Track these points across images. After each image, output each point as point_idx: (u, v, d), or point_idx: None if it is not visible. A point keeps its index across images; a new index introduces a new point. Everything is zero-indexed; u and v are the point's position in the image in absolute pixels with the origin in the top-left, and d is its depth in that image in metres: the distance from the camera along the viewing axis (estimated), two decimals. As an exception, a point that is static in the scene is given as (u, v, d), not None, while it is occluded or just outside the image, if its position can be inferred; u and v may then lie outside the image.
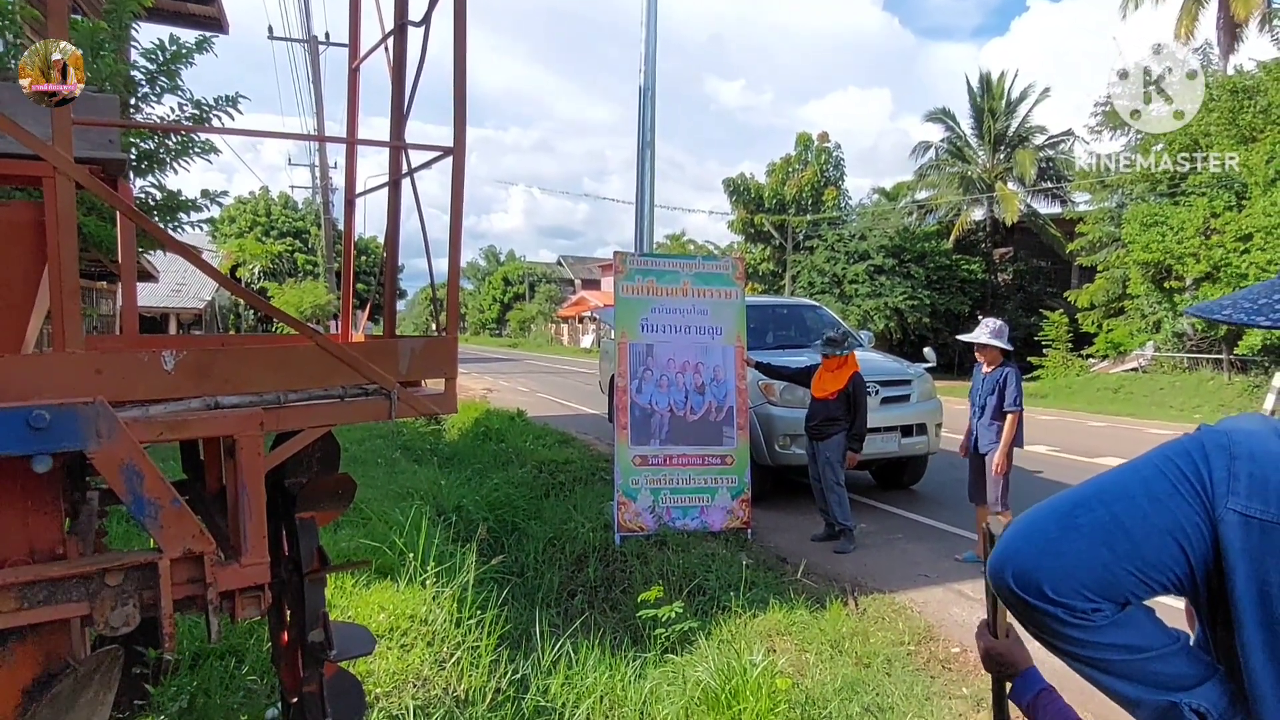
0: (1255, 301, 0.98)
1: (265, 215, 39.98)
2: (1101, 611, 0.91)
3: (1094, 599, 0.91)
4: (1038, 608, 0.92)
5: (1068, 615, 0.91)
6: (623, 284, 6.47)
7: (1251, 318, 0.95)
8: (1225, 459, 0.88)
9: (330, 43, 24.40)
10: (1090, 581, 0.90)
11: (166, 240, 2.18)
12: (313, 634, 2.38)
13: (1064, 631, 0.93)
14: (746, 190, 30.78)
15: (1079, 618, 0.91)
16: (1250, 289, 1.04)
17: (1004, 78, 27.60)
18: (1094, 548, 0.90)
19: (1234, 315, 0.97)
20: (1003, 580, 0.95)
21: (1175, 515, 0.89)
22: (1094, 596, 0.91)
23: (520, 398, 17.31)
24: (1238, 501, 0.87)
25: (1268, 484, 0.86)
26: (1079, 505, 0.94)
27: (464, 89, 2.26)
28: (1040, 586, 0.91)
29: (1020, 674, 1.27)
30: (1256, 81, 16.80)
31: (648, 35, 8.84)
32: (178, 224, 7.47)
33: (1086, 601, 0.91)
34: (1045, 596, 0.91)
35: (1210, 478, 0.88)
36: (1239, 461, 0.88)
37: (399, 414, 2.20)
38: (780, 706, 3.31)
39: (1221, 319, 0.99)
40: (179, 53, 6.94)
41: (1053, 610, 0.92)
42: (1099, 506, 0.92)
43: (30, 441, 1.58)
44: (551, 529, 6.10)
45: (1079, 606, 0.91)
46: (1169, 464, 0.91)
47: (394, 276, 3.17)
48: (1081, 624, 0.92)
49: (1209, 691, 0.92)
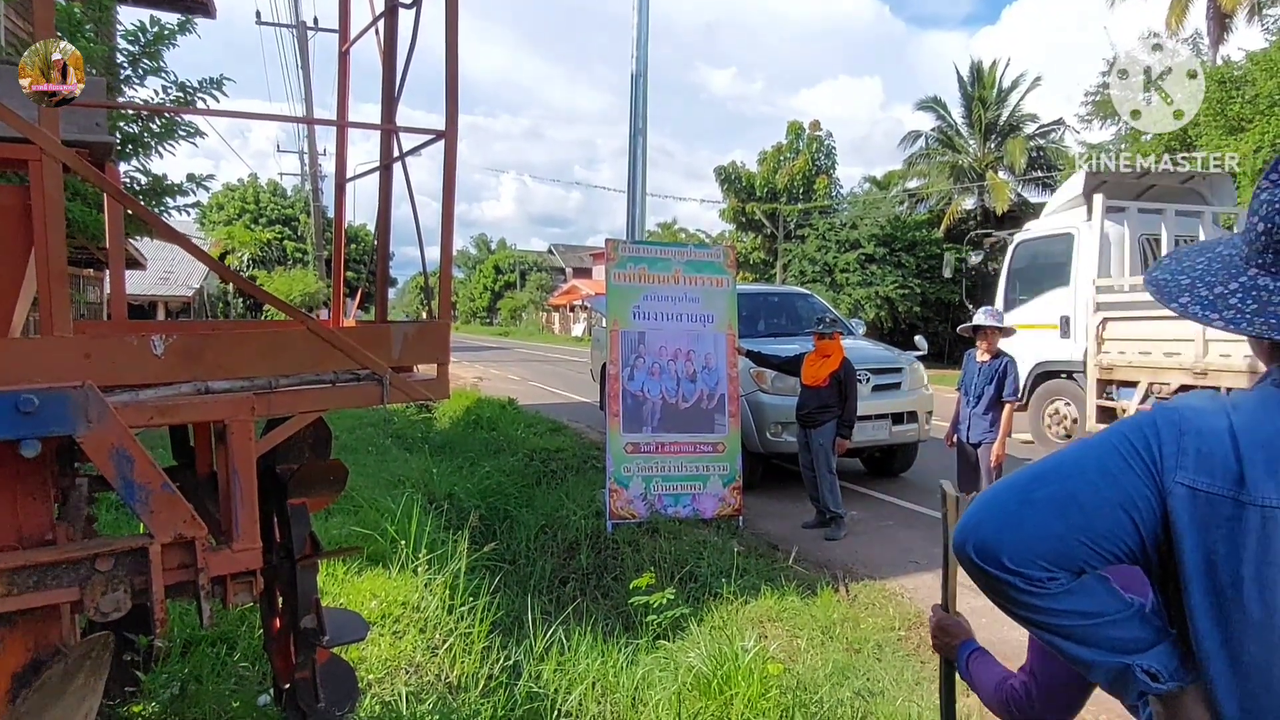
0: (1211, 289, 1.00)
1: (254, 202, 39.70)
2: (1057, 580, 0.95)
3: (1050, 568, 0.94)
4: (998, 577, 0.96)
5: (1025, 584, 0.95)
6: (614, 272, 6.46)
7: (1206, 313, 0.97)
8: (1175, 434, 0.92)
9: (319, 28, 24.20)
10: (1046, 552, 0.94)
11: (156, 224, 2.16)
12: (305, 620, 2.38)
13: (1022, 599, 0.97)
14: (738, 179, 30.73)
15: (1036, 586, 0.95)
16: (1210, 255, 1.05)
17: (995, 66, 27.60)
18: (1049, 520, 0.94)
19: (1190, 308, 0.99)
20: (964, 552, 0.99)
21: (1126, 489, 0.93)
22: (1050, 566, 0.94)
23: (511, 386, 17.29)
24: (1185, 475, 0.91)
25: (1214, 458, 0.90)
26: (1036, 480, 0.98)
27: (456, 70, 2.24)
28: (999, 557, 0.95)
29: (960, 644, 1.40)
30: (1245, 72, 16.86)
31: (639, 22, 8.80)
32: (164, 209, 7.41)
33: (1043, 570, 0.95)
34: (1004, 566, 0.95)
35: (1160, 452, 0.92)
36: (1187, 437, 0.92)
37: (391, 399, 2.19)
38: (771, 692, 3.32)
39: (1177, 309, 1.01)
40: (161, 34, 6.87)
41: (1011, 579, 0.96)
42: (1054, 481, 0.96)
43: (19, 426, 1.57)
44: (543, 516, 6.11)
45: (1036, 575, 0.95)
46: (1122, 440, 0.95)
47: (385, 262, 3.15)
48: (1039, 592, 0.96)
49: (1160, 654, 0.96)
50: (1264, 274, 0.96)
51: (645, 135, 9.07)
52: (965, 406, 5.84)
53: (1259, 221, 0.96)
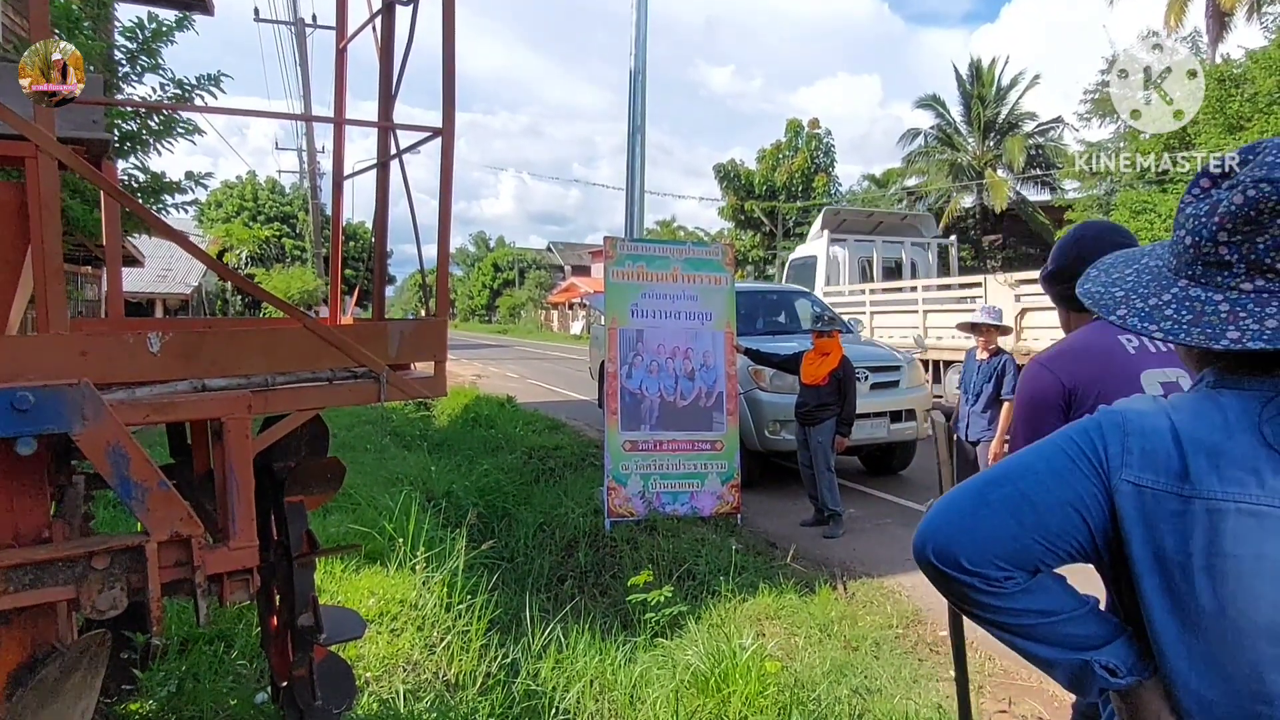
0: (1146, 301, 1.02)
1: (252, 200, 39.68)
2: (1014, 579, 0.98)
3: (1006, 568, 0.98)
4: (956, 578, 0.99)
5: (983, 584, 0.98)
6: (613, 269, 6.45)
7: (1144, 325, 1.00)
8: (1119, 435, 0.97)
9: (317, 25, 24.18)
10: (1002, 552, 0.97)
11: (153, 221, 2.15)
12: (302, 618, 2.38)
13: (981, 600, 1.00)
14: (737, 176, 30.75)
15: (993, 586, 0.98)
16: (1139, 267, 1.08)
17: (994, 65, 27.64)
18: (1004, 521, 0.98)
19: (1128, 320, 1.02)
20: (924, 555, 1.02)
21: (1075, 488, 0.97)
22: (1006, 565, 0.98)
23: (510, 384, 17.29)
24: (1131, 473, 0.94)
25: (1158, 456, 0.94)
26: (990, 483, 1.02)
27: (453, 67, 2.24)
28: (957, 558, 0.99)
29: None
30: (1244, 70, 16.86)
31: (638, 19, 8.79)
32: (162, 206, 7.41)
33: (999, 570, 0.98)
34: (962, 568, 0.98)
35: (1106, 453, 0.96)
36: (1131, 437, 0.96)
37: (388, 397, 2.19)
38: (769, 689, 3.32)
39: (1116, 320, 1.03)
40: (159, 31, 6.86)
41: (969, 580, 0.99)
42: (1007, 483, 1.00)
43: (14, 423, 1.56)
44: (541, 514, 6.11)
45: (993, 575, 0.98)
46: (1070, 443, 1.00)
47: (383, 260, 3.15)
48: (996, 591, 0.99)
49: (1118, 649, 0.99)
50: (1194, 285, 0.98)
51: (644, 133, 9.06)
52: (964, 404, 5.86)
53: (1185, 235, 0.99)
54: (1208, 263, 0.96)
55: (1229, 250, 0.93)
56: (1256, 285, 0.92)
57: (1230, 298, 0.94)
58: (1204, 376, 1.01)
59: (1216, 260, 0.95)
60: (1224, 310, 0.94)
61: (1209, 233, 0.95)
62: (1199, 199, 0.98)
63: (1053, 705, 3.67)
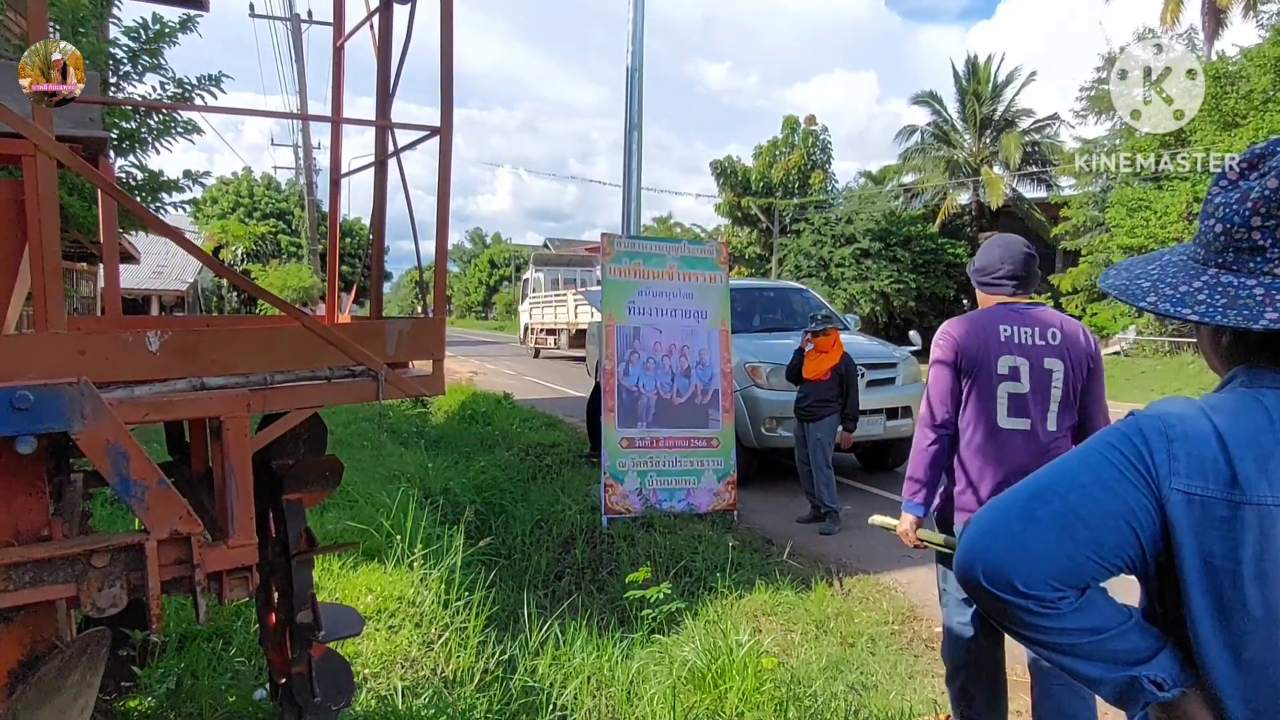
0: (1176, 289, 1.02)
1: (248, 196, 39.54)
2: (1066, 599, 0.96)
3: (1060, 588, 0.96)
4: (1009, 601, 0.97)
5: (1037, 606, 0.96)
6: (610, 266, 6.46)
7: (1177, 309, 0.99)
8: (1164, 442, 0.94)
9: (313, 21, 24.09)
10: (1056, 572, 0.95)
11: (150, 220, 2.15)
12: (301, 615, 2.39)
13: (1033, 621, 0.97)
14: (734, 173, 30.72)
15: (1047, 607, 0.96)
16: (1162, 263, 1.08)
17: (990, 61, 27.63)
18: (1056, 539, 0.95)
19: (1159, 305, 1.01)
20: (973, 578, 0.99)
21: (1126, 500, 0.94)
22: (1060, 585, 0.96)
23: (507, 381, 17.28)
24: (1180, 481, 0.92)
25: (1204, 461, 0.92)
26: (1035, 499, 0.99)
27: (451, 66, 2.24)
28: (1011, 581, 0.96)
29: None
30: (1240, 67, 16.89)
31: (635, 16, 8.78)
32: (160, 204, 7.40)
33: (1054, 591, 0.95)
34: (1015, 590, 0.95)
35: (1152, 460, 0.94)
36: (1176, 444, 0.93)
37: (386, 395, 2.20)
38: (766, 685, 3.34)
39: (1146, 306, 1.03)
40: (162, 31, 6.84)
41: (1023, 603, 0.96)
42: (1055, 499, 0.97)
43: (14, 422, 1.57)
44: (539, 511, 6.11)
45: (1047, 596, 0.95)
46: (1113, 451, 0.97)
47: (380, 257, 3.15)
48: (1049, 613, 0.96)
49: (1164, 662, 0.97)
50: (1225, 272, 0.98)
51: (641, 130, 9.04)
52: None
53: (1216, 224, 0.99)
54: (1240, 249, 0.96)
55: (1262, 235, 0.94)
56: None
57: (1264, 282, 0.94)
58: (1235, 375, 1.00)
59: (1250, 245, 0.95)
60: (1259, 294, 0.93)
61: (1241, 218, 0.95)
62: (1228, 189, 0.98)
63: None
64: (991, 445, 2.71)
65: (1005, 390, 2.69)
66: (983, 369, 2.71)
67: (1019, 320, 2.71)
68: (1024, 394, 2.68)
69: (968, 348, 2.72)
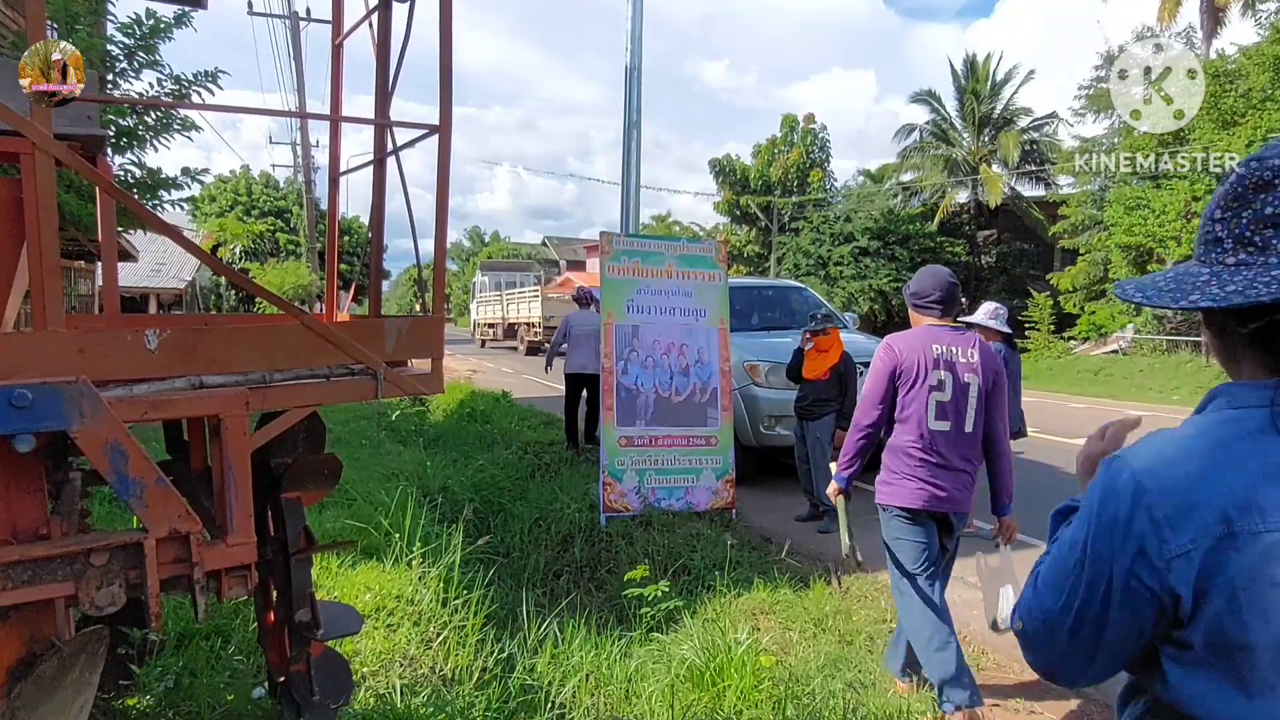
0: (1155, 282, 1.04)
1: (246, 194, 39.46)
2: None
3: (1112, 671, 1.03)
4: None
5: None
6: (609, 265, 6.45)
7: (1136, 294, 1.03)
8: (1145, 515, 0.92)
9: (312, 19, 24.05)
10: (1105, 675, 1.03)
11: (148, 218, 2.15)
12: (299, 613, 2.38)
13: None
14: (732, 171, 30.71)
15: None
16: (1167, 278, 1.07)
17: (988, 60, 27.63)
18: (1107, 665, 1.02)
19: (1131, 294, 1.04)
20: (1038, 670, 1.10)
21: (1142, 608, 0.95)
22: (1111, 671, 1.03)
23: (505, 379, 17.28)
24: (1169, 548, 0.91)
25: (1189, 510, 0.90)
26: (1058, 627, 1.03)
27: (449, 64, 2.24)
28: (1073, 685, 1.14)
29: None
30: (1238, 66, 16.89)
31: (633, 14, 8.77)
32: (158, 202, 7.39)
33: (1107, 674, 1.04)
34: (1079, 686, 1.03)
35: (1143, 545, 0.93)
36: (1155, 508, 0.92)
37: (385, 394, 2.20)
38: (764, 684, 3.34)
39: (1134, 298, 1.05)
40: (157, 27, 6.83)
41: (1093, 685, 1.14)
42: (1081, 628, 1.00)
43: (12, 421, 1.57)
44: (537, 510, 6.11)
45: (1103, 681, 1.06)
46: (1107, 550, 0.96)
47: (379, 256, 3.15)
48: None
49: None
50: (1196, 263, 1.01)
51: (640, 128, 9.05)
52: None
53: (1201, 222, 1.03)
54: (1206, 241, 0.99)
55: (1221, 227, 0.97)
56: (1239, 259, 0.95)
57: (1214, 270, 0.96)
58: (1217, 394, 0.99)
59: (1213, 238, 0.98)
60: (1201, 279, 0.96)
61: (1208, 213, 0.99)
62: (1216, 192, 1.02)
63: (1045, 699, 3.70)
64: (921, 442, 3.33)
65: (934, 398, 3.30)
66: (917, 379, 3.31)
67: (947, 340, 3.32)
68: (947, 402, 3.30)
69: (905, 361, 3.32)
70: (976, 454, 3.43)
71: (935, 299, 3.37)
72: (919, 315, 3.43)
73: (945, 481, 3.34)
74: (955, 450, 3.33)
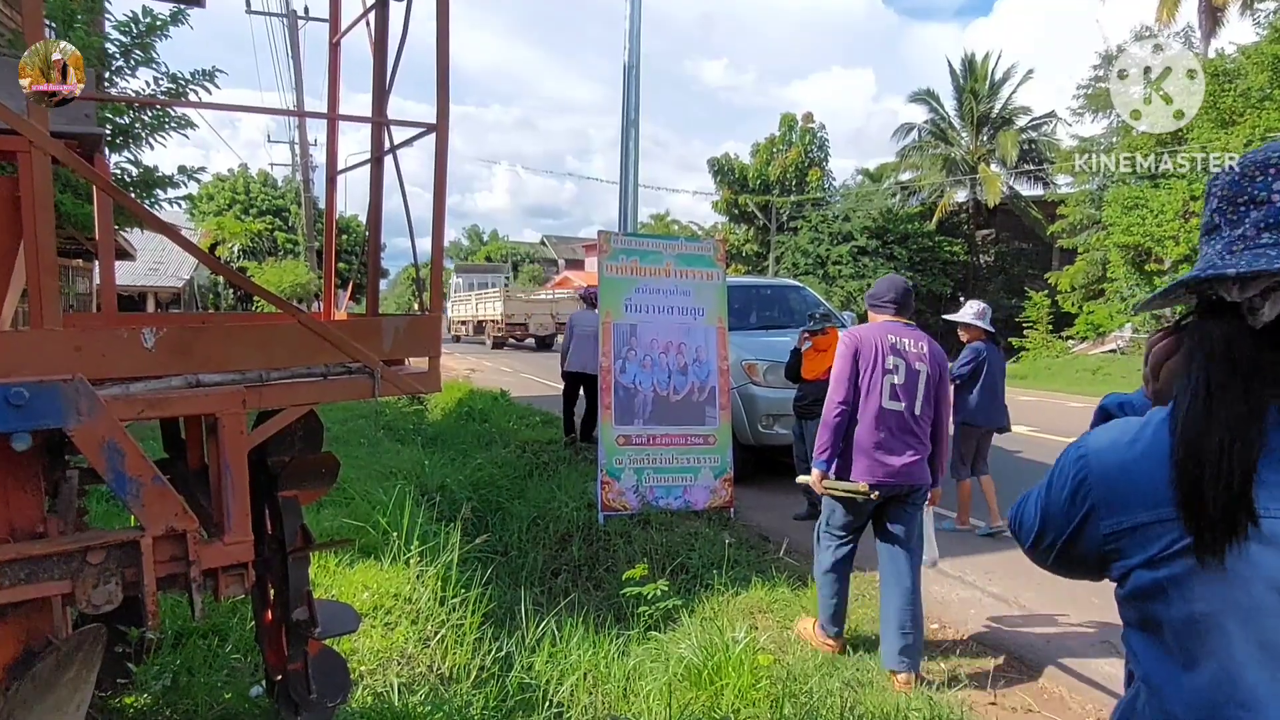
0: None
1: (244, 193, 39.39)
2: None
3: None
4: None
5: None
6: (607, 263, 6.45)
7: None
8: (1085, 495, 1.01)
9: (310, 17, 24.01)
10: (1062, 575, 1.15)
11: (146, 217, 2.15)
12: (297, 612, 2.38)
13: None
14: (731, 170, 30.71)
15: None
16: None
17: (987, 59, 27.68)
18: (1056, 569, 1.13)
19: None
20: None
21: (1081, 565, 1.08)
22: None
23: (503, 378, 17.28)
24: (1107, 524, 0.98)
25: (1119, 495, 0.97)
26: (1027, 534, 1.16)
27: (447, 63, 2.24)
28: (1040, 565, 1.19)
29: None
30: (1237, 65, 16.91)
31: (632, 12, 8.77)
32: (154, 201, 7.38)
33: None
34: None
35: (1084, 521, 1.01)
36: (1094, 489, 1.00)
37: (382, 392, 2.20)
38: (762, 683, 3.34)
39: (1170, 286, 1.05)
40: (153, 25, 6.82)
41: None
42: (1039, 546, 1.13)
43: (9, 419, 1.57)
44: (535, 508, 6.11)
45: None
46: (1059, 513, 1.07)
47: (377, 254, 3.15)
48: None
49: None
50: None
51: (638, 127, 9.04)
52: None
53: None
54: (1206, 230, 1.03)
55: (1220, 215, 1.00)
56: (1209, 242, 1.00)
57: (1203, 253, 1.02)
58: None
59: (1212, 226, 1.01)
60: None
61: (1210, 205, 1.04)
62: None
63: (1042, 697, 3.71)
64: (878, 419, 3.77)
65: (888, 381, 3.78)
66: (875, 364, 3.80)
67: (901, 333, 3.87)
68: (900, 385, 3.78)
69: (864, 348, 3.83)
70: (924, 434, 3.86)
71: (889, 299, 3.93)
72: (875, 314, 3.99)
73: (894, 459, 3.75)
74: (905, 429, 3.79)
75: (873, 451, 3.75)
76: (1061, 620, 4.57)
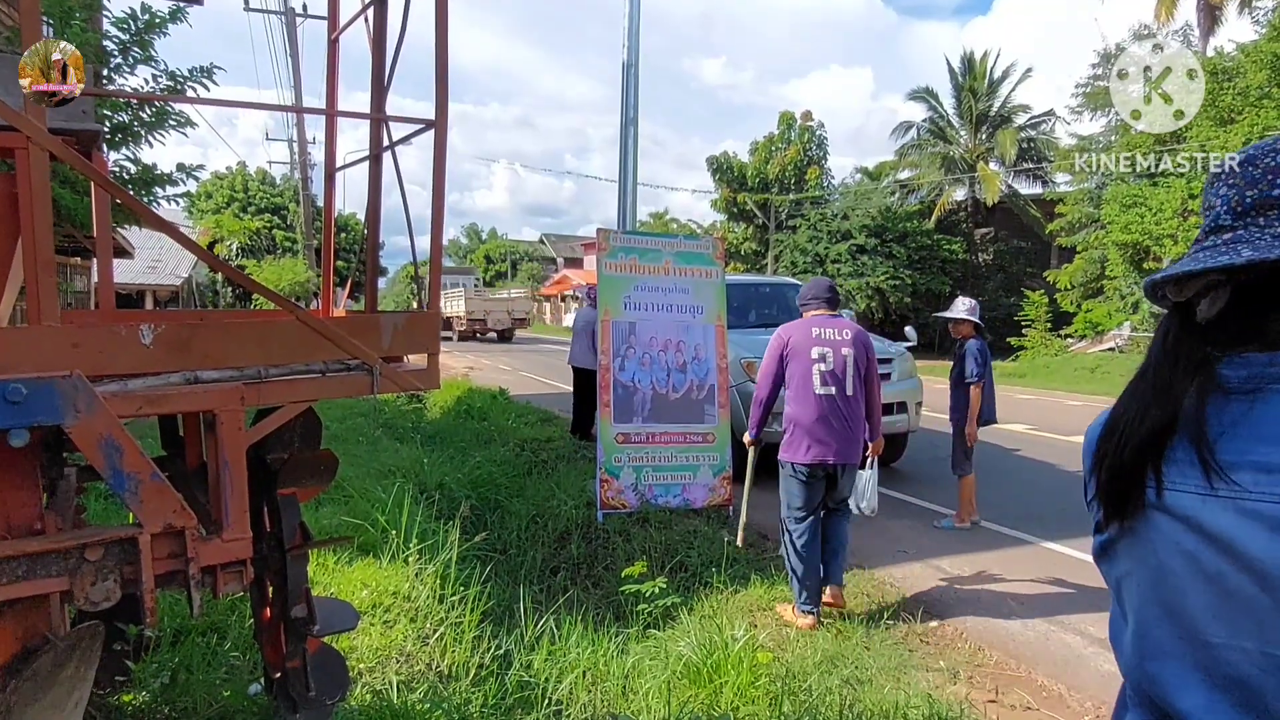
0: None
1: (243, 191, 39.30)
2: None
3: None
4: None
5: None
6: (606, 261, 6.45)
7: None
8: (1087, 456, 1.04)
9: (308, 15, 23.98)
10: None
11: (144, 214, 2.15)
12: (296, 609, 2.38)
13: None
14: (730, 169, 30.68)
15: None
16: None
17: (986, 57, 27.64)
18: None
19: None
20: None
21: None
22: None
23: (502, 376, 17.27)
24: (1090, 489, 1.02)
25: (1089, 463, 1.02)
26: None
27: (446, 58, 2.23)
28: None
29: None
30: (1235, 64, 16.92)
31: (631, 11, 8.75)
32: (153, 198, 7.37)
33: None
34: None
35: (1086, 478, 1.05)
36: (1087, 453, 1.04)
37: (381, 389, 2.19)
38: (761, 680, 3.35)
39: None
40: (152, 22, 6.81)
41: None
42: None
43: (7, 415, 1.56)
44: (534, 507, 6.11)
45: None
46: None
47: (375, 252, 3.14)
48: None
49: None
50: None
51: (636, 125, 9.03)
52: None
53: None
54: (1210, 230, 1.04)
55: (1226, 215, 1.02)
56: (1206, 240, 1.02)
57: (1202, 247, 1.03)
58: None
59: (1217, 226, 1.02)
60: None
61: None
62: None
63: (1041, 695, 3.71)
64: (811, 404, 4.30)
65: (817, 369, 4.31)
66: (803, 355, 4.35)
67: (825, 324, 4.41)
68: (829, 371, 4.31)
69: (792, 341, 4.41)
70: (859, 414, 4.38)
71: (813, 297, 4.52)
72: (807, 313, 4.54)
73: (832, 440, 4.27)
74: (839, 411, 4.29)
75: (814, 434, 4.27)
76: (1061, 620, 4.57)
